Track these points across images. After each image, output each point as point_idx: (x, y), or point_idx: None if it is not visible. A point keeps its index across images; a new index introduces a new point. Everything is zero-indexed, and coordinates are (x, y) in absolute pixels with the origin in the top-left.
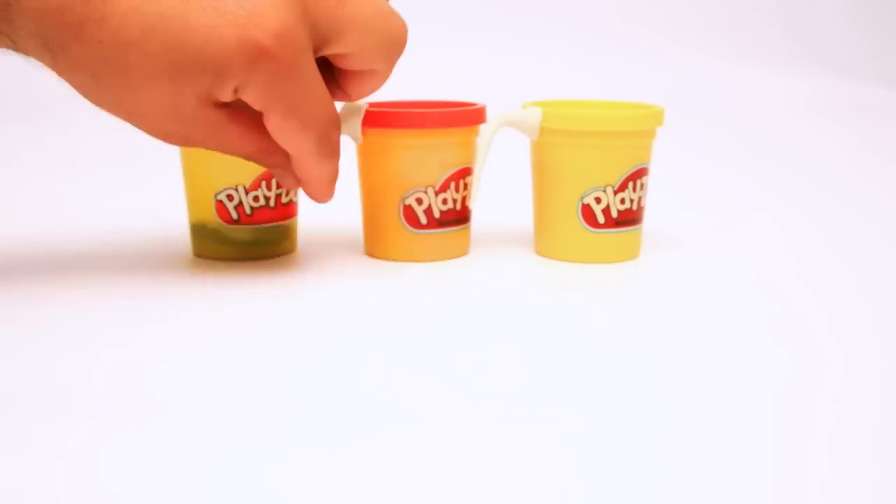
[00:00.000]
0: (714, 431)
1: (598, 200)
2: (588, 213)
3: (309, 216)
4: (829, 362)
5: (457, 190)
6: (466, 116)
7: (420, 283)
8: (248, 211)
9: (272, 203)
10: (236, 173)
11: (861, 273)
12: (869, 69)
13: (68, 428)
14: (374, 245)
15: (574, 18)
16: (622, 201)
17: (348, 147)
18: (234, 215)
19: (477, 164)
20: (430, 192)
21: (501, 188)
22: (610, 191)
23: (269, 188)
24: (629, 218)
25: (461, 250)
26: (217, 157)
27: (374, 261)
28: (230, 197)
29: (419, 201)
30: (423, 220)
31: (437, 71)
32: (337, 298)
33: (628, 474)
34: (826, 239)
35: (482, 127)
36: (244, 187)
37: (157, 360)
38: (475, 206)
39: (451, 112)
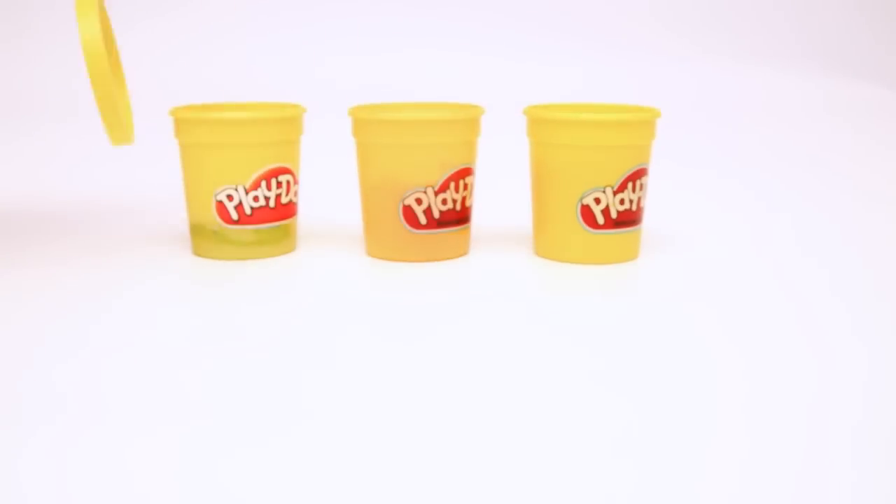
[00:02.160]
0: (714, 432)
1: (597, 201)
2: (587, 214)
3: (309, 216)
4: (831, 360)
5: (456, 190)
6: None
7: (420, 283)
8: (247, 211)
9: (272, 203)
10: (236, 173)
11: (861, 270)
12: (873, 68)
13: (69, 428)
14: (374, 245)
15: (574, 18)
16: (621, 202)
17: (348, 147)
18: (234, 215)
19: None
20: (430, 192)
21: (501, 188)
22: (609, 191)
23: (268, 188)
24: (629, 218)
25: (461, 250)
26: (217, 156)
27: (374, 261)
28: (230, 197)
29: (419, 201)
30: (423, 220)
31: (438, 71)
32: (337, 298)
33: (628, 475)
34: (827, 238)
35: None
36: (244, 187)
37: (156, 360)
38: (475, 206)
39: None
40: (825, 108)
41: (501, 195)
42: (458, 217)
